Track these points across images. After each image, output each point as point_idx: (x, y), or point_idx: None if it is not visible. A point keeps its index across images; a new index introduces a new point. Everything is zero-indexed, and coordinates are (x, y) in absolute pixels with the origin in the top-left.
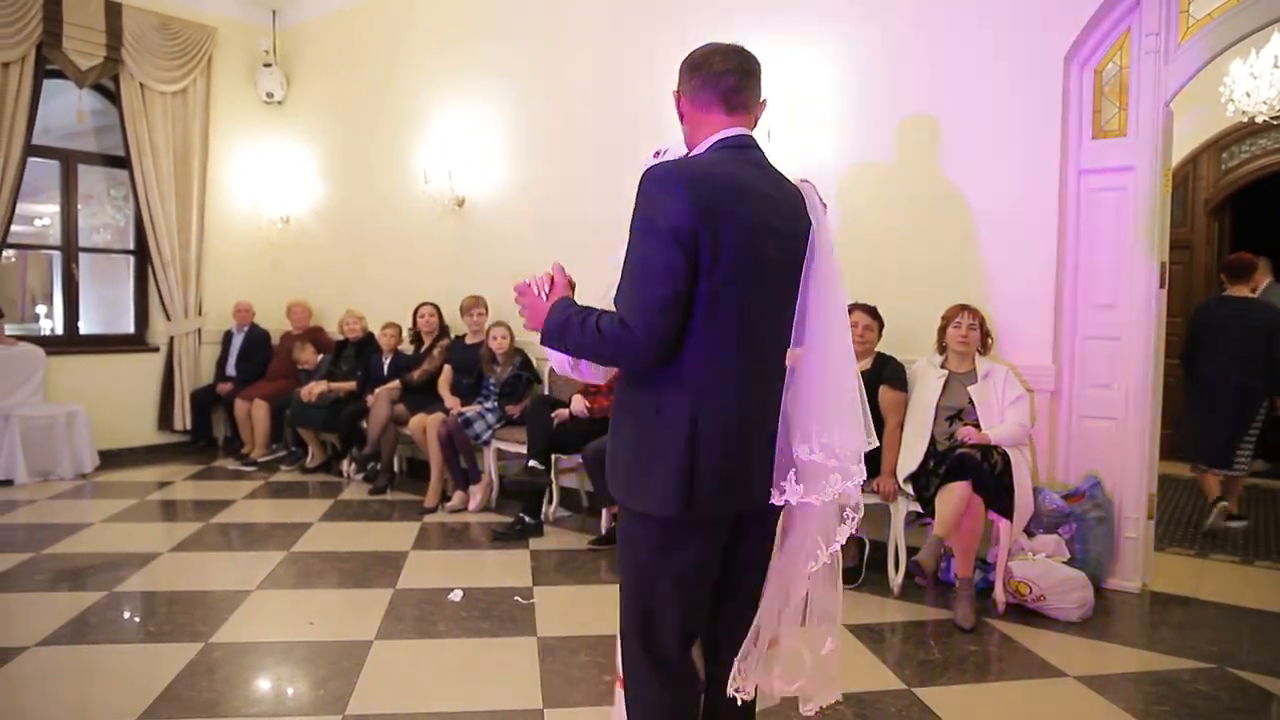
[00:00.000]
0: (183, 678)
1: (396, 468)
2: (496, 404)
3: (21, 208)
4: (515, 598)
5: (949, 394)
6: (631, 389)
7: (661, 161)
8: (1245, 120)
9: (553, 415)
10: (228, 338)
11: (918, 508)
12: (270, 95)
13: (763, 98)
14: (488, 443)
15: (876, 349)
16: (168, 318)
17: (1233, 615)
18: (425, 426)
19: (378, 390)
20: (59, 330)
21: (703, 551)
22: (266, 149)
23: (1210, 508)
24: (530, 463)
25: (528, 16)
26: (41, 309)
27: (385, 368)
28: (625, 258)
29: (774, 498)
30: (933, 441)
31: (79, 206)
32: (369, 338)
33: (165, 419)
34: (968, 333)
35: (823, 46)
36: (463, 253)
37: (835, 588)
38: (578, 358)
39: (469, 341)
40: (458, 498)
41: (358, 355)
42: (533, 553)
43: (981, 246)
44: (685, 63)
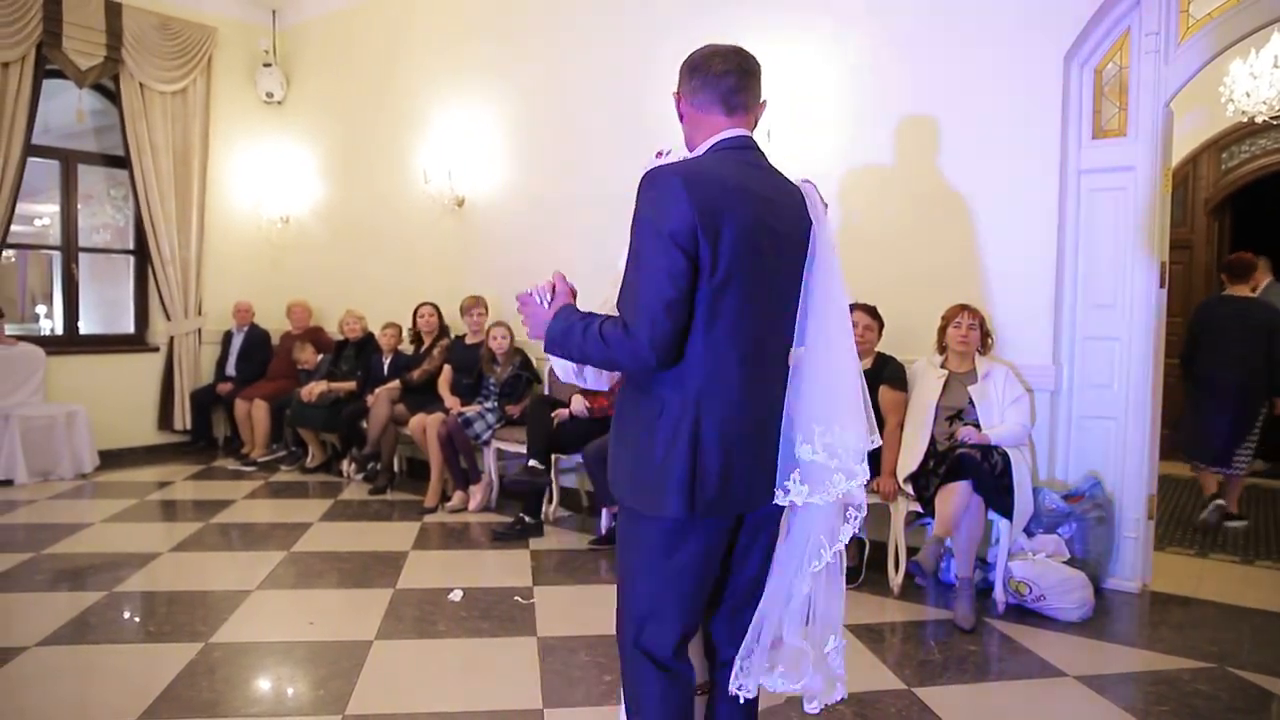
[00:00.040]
0: (183, 678)
1: (396, 468)
2: (496, 404)
3: (21, 207)
4: (515, 598)
5: (949, 394)
6: (633, 390)
7: (661, 164)
8: (1245, 120)
9: (553, 415)
10: (228, 338)
11: (918, 508)
12: (270, 95)
13: (762, 98)
14: (488, 443)
15: (876, 349)
16: (168, 318)
17: (1233, 615)
18: (425, 426)
19: (378, 390)
20: (59, 330)
21: (702, 552)
22: (266, 149)
23: (1205, 503)
24: (530, 462)
25: (528, 16)
26: (41, 309)
27: (385, 368)
28: (627, 261)
29: (777, 498)
30: (933, 441)
31: (79, 206)
32: (369, 338)
33: (165, 419)
34: (968, 333)
35: (823, 46)
36: (462, 252)
37: (838, 587)
38: (582, 364)
39: (469, 341)
40: (458, 498)
41: (358, 355)
42: (533, 552)
43: (981, 246)
44: (685, 64)
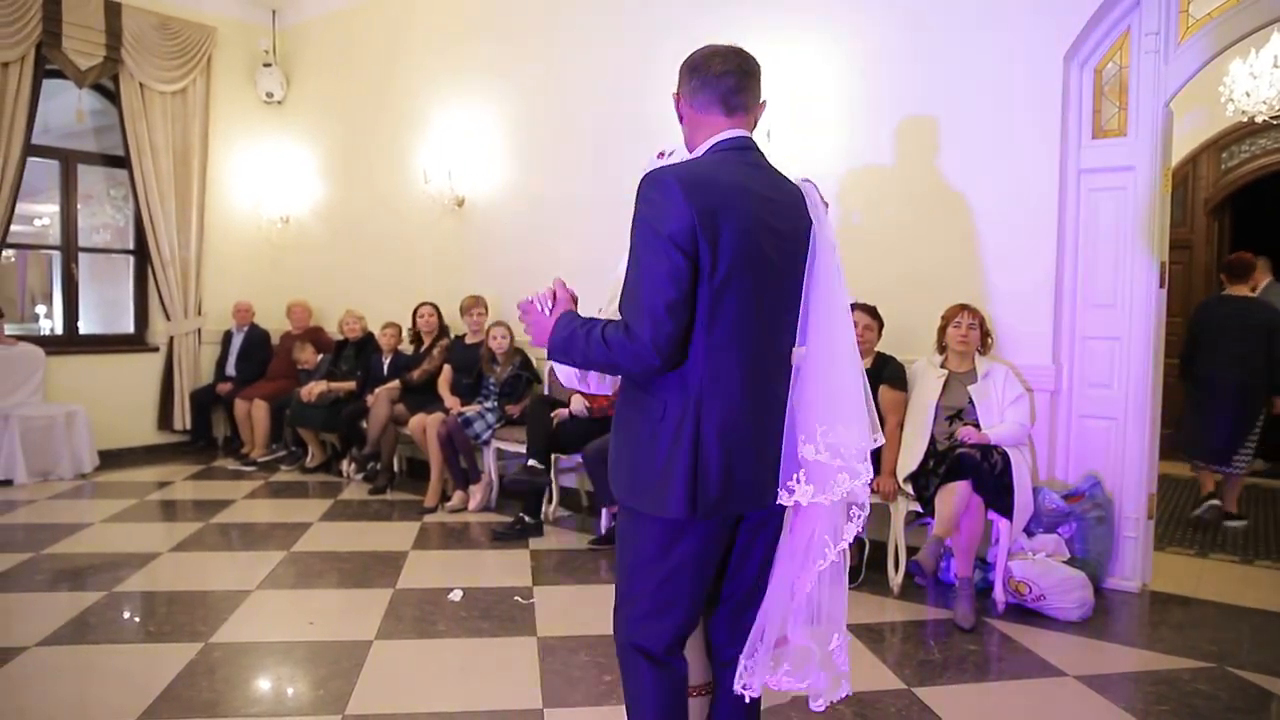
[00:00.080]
0: (182, 678)
1: (396, 468)
2: (496, 404)
3: (21, 207)
4: (515, 597)
5: (949, 394)
6: (634, 392)
7: (661, 165)
8: (1245, 120)
9: (552, 415)
10: (227, 338)
11: (917, 507)
12: (270, 95)
13: (762, 99)
14: (487, 442)
15: (876, 349)
16: (167, 318)
17: (1232, 615)
18: (425, 426)
19: (377, 390)
20: (59, 330)
21: (702, 552)
22: (266, 149)
23: (1201, 501)
24: (530, 462)
25: (528, 16)
26: (41, 309)
27: (385, 367)
28: (627, 264)
29: (781, 498)
30: (932, 441)
31: (79, 206)
32: (369, 337)
33: (165, 419)
34: (967, 332)
35: (823, 46)
36: (462, 252)
37: (841, 586)
38: (586, 370)
39: (469, 341)
40: (457, 498)
41: (357, 355)
42: (532, 552)
43: (981, 246)
44: (684, 64)
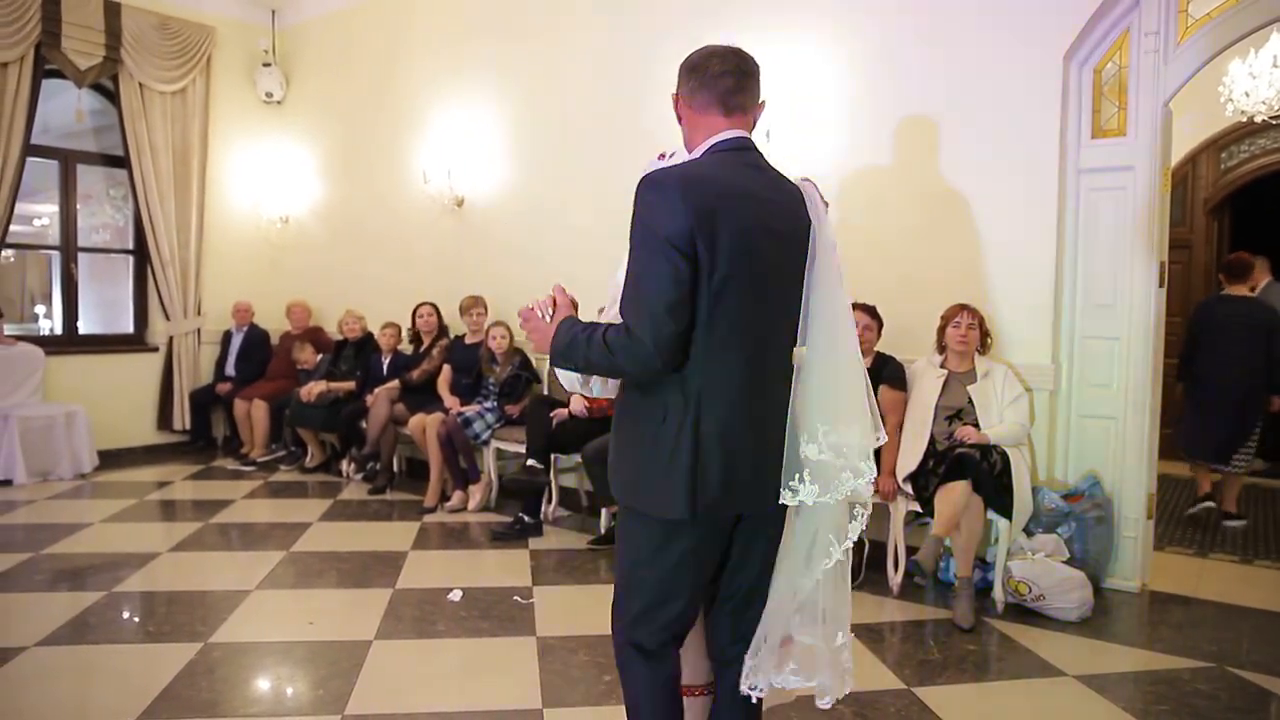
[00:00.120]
0: (182, 678)
1: (396, 467)
2: (496, 404)
3: (20, 207)
4: (515, 597)
5: (948, 393)
6: (634, 392)
7: (659, 168)
8: (1244, 120)
9: (552, 415)
10: (227, 338)
11: (917, 507)
12: (269, 95)
13: (761, 99)
14: (487, 442)
15: (876, 348)
16: (167, 318)
17: (1232, 614)
18: (425, 426)
19: (377, 390)
20: (58, 330)
21: (700, 552)
22: (266, 149)
23: (1197, 501)
24: (529, 462)
25: (527, 16)
26: (40, 309)
27: (384, 367)
28: (627, 266)
29: (784, 498)
30: (932, 441)
31: (78, 206)
32: (368, 337)
33: (164, 419)
34: (967, 332)
35: (822, 47)
36: (462, 252)
37: (845, 585)
38: (589, 374)
39: (468, 341)
40: (457, 497)
41: (357, 355)
42: (532, 552)
43: (981, 246)
44: (683, 65)
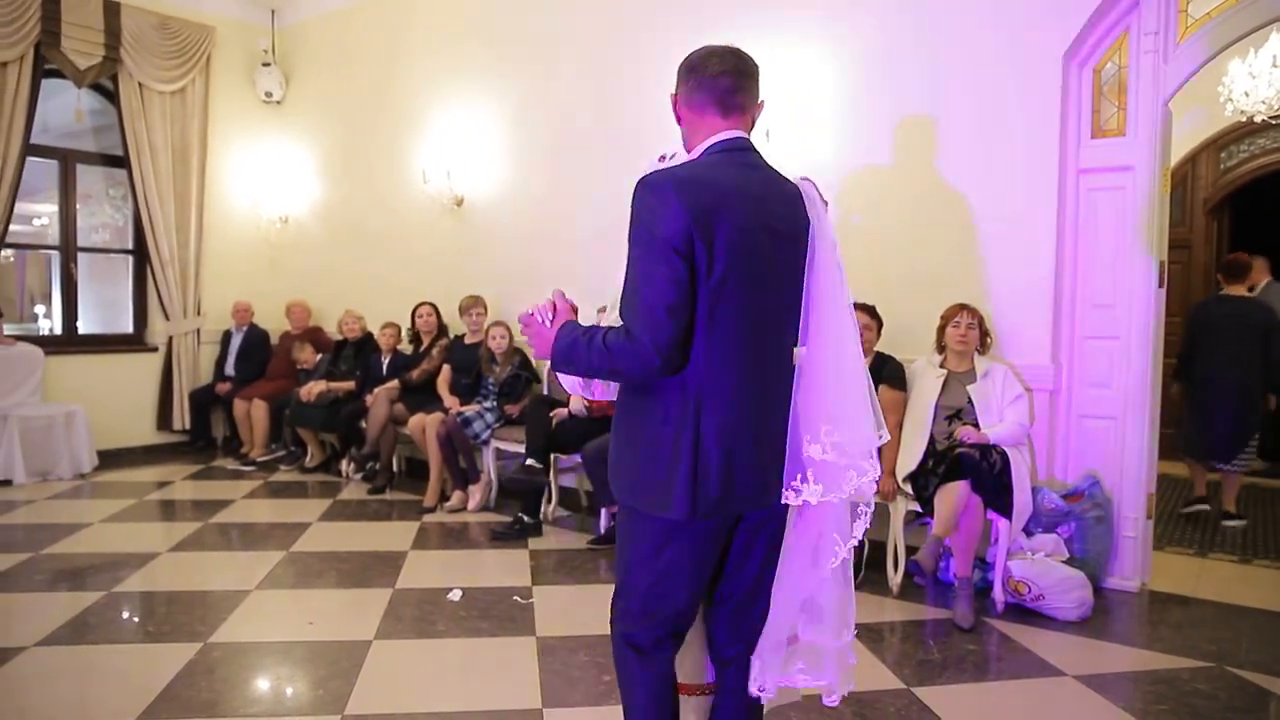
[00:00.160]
0: (182, 678)
1: (395, 467)
2: (495, 403)
3: (20, 207)
4: (514, 597)
5: (948, 393)
6: (634, 393)
7: (656, 169)
8: (1244, 120)
9: (551, 415)
10: (226, 337)
11: (917, 507)
12: (269, 95)
13: (760, 99)
14: (487, 442)
15: (875, 348)
16: (166, 317)
17: (1231, 614)
18: (424, 426)
19: (377, 390)
20: (58, 330)
21: (698, 551)
22: (265, 148)
23: (1191, 501)
24: (529, 462)
25: (527, 17)
26: (40, 309)
27: (384, 367)
28: (626, 269)
29: (788, 498)
30: (932, 441)
31: (77, 206)
32: (368, 337)
33: (164, 419)
34: (967, 332)
35: (822, 46)
36: (461, 252)
37: (847, 583)
38: (590, 378)
39: (468, 341)
40: (457, 497)
41: (356, 355)
42: (532, 552)
43: (981, 246)
44: (682, 65)
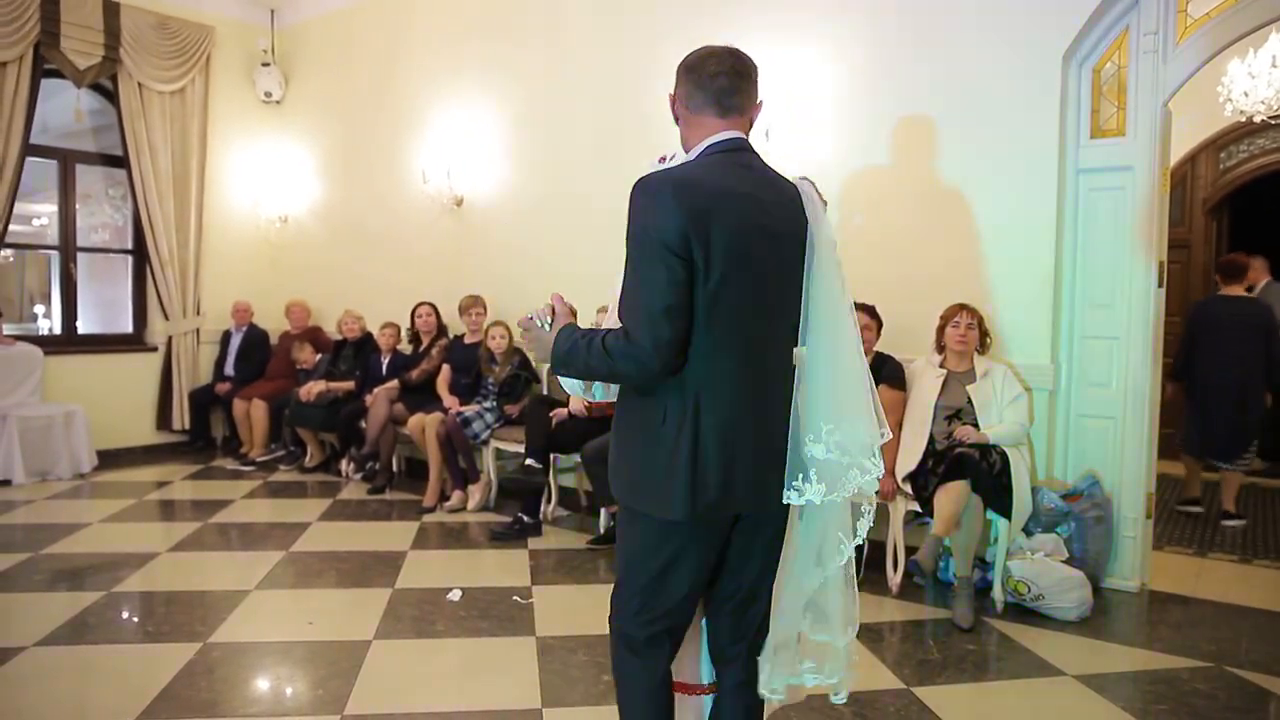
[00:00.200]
0: (181, 678)
1: (395, 467)
2: (495, 403)
3: (19, 207)
4: (514, 597)
5: (948, 393)
6: (634, 394)
7: (653, 171)
8: (1243, 120)
9: (551, 415)
10: (226, 337)
11: (916, 507)
12: (269, 95)
13: (759, 99)
14: (486, 442)
15: (875, 348)
16: (166, 317)
17: (1231, 614)
18: (424, 426)
19: (376, 390)
20: (57, 330)
21: (696, 551)
22: (265, 148)
23: (1186, 501)
24: (528, 462)
25: (527, 16)
26: (39, 309)
27: (384, 367)
28: (624, 271)
29: (790, 498)
30: (931, 441)
31: (77, 206)
32: (367, 337)
33: (164, 419)
34: (966, 332)
35: (822, 46)
36: (461, 252)
37: (851, 582)
38: (590, 380)
39: (467, 341)
40: (456, 497)
41: (356, 355)
42: (531, 552)
43: (980, 246)
44: (680, 66)
